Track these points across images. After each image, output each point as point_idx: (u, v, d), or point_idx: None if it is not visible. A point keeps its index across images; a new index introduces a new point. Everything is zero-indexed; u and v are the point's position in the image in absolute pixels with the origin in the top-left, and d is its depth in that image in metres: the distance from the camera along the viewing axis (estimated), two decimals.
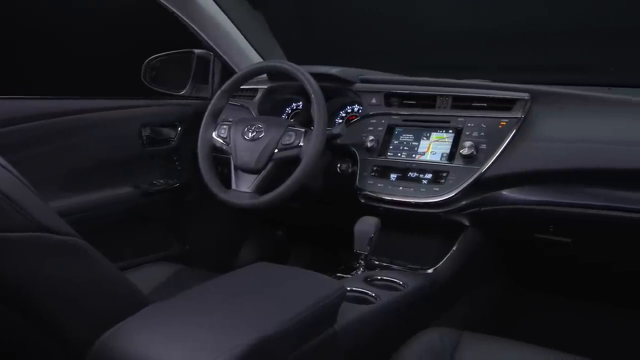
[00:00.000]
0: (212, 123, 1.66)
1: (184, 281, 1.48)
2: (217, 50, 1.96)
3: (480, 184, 1.40)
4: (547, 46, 2.12)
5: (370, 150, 1.57)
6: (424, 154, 1.51)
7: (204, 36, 1.94)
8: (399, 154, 1.54)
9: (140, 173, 1.87)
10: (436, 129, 1.53)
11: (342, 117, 1.78)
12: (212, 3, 1.95)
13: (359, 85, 1.71)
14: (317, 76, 1.56)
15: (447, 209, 1.42)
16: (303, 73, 1.54)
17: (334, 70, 1.70)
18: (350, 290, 1.25)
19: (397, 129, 1.58)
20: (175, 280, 1.51)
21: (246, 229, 2.18)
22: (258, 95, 1.85)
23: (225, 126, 1.64)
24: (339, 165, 1.64)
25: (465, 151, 1.42)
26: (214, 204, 1.61)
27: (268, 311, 0.87)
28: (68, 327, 0.79)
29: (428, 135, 1.53)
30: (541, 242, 1.48)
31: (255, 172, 1.54)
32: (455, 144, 1.47)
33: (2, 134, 1.52)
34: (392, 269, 1.51)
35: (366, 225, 1.41)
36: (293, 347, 0.88)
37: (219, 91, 1.67)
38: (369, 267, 1.45)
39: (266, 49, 2.09)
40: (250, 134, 1.58)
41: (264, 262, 1.09)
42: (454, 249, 1.48)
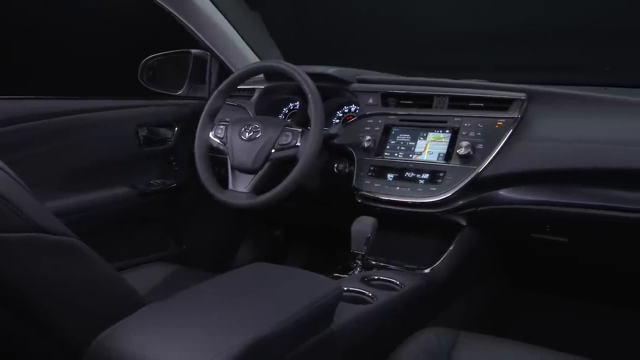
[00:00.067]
0: (209, 123, 1.66)
1: (181, 281, 1.48)
2: (214, 50, 1.96)
3: (477, 184, 1.40)
4: (544, 46, 2.12)
5: (367, 150, 1.57)
6: (420, 154, 1.51)
7: (200, 36, 1.94)
8: (396, 154, 1.54)
9: (137, 173, 1.86)
10: (433, 129, 1.53)
11: (339, 117, 1.78)
12: (209, 3, 1.95)
13: (355, 85, 1.71)
14: (314, 76, 1.56)
15: (444, 209, 1.43)
16: (300, 73, 1.54)
17: (330, 70, 1.70)
18: (347, 290, 1.25)
19: (394, 129, 1.58)
20: (173, 281, 1.51)
21: (243, 229, 2.18)
22: (255, 95, 1.85)
23: (222, 126, 1.64)
24: (336, 165, 1.64)
25: (462, 151, 1.42)
26: (211, 204, 1.61)
27: (265, 311, 0.87)
28: (64, 327, 0.79)
29: (425, 135, 1.53)
30: (538, 241, 1.48)
31: (252, 172, 1.54)
32: (452, 144, 1.47)
33: None
34: (389, 268, 1.51)
35: (363, 225, 1.41)
36: (290, 347, 0.88)
37: (216, 91, 1.67)
38: (366, 267, 1.46)
39: (263, 49, 2.09)
40: (247, 134, 1.58)
41: (260, 262, 1.09)
42: (450, 249, 1.48)
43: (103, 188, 1.75)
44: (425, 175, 1.47)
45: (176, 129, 1.94)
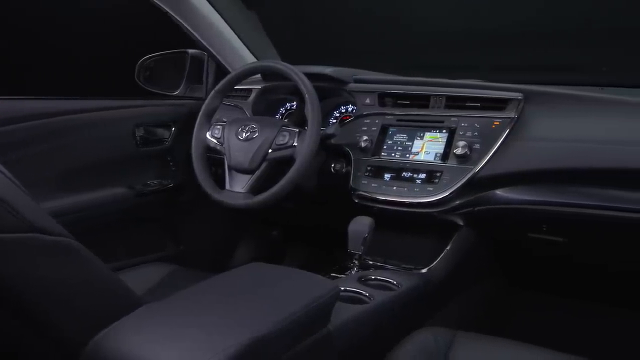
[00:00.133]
0: (206, 123, 1.66)
1: (179, 281, 1.48)
2: (211, 50, 1.96)
3: (474, 184, 1.40)
4: (541, 46, 2.12)
5: (364, 150, 1.57)
6: (417, 153, 1.51)
7: (197, 36, 1.94)
8: (393, 154, 1.54)
9: (134, 173, 1.86)
10: (430, 129, 1.53)
11: (336, 117, 1.78)
12: (206, 3, 1.95)
13: (352, 85, 1.71)
14: (311, 76, 1.56)
15: (440, 209, 1.43)
16: (297, 73, 1.54)
17: (327, 70, 1.70)
18: (344, 290, 1.25)
19: (391, 129, 1.58)
20: (170, 281, 1.50)
21: (240, 229, 2.18)
22: (252, 96, 1.85)
23: (219, 126, 1.64)
24: (333, 165, 1.64)
25: (458, 151, 1.42)
26: (208, 204, 1.61)
27: (262, 311, 0.87)
28: (61, 327, 0.79)
29: (422, 135, 1.53)
30: (535, 241, 1.49)
31: (249, 172, 1.54)
32: (449, 144, 1.47)
33: None
34: (386, 268, 1.51)
35: (360, 225, 1.41)
36: (287, 347, 0.88)
37: (213, 91, 1.67)
38: (363, 267, 1.46)
39: (260, 49, 2.09)
40: (244, 134, 1.58)
41: (258, 262, 1.09)
42: (447, 249, 1.48)
43: (100, 188, 1.75)
44: (422, 175, 1.47)
45: (173, 129, 1.94)
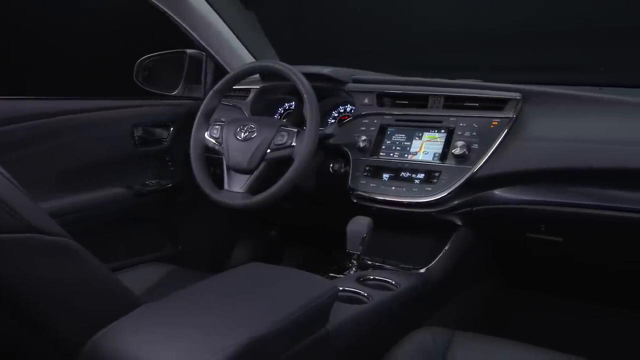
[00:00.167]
0: (205, 123, 1.65)
1: (177, 281, 1.47)
2: (210, 50, 1.96)
3: (472, 184, 1.41)
4: (539, 46, 2.12)
5: (362, 150, 1.57)
6: (416, 153, 1.51)
7: (195, 36, 1.94)
8: (392, 154, 1.54)
9: (132, 173, 1.86)
10: (428, 129, 1.53)
11: (334, 117, 1.78)
12: (204, 3, 1.95)
13: (351, 85, 1.71)
14: (310, 76, 1.56)
15: (439, 209, 1.43)
16: (295, 73, 1.54)
17: (326, 70, 1.70)
18: (342, 290, 1.25)
19: (389, 129, 1.59)
20: (168, 281, 1.50)
21: (239, 229, 2.17)
22: (250, 96, 1.85)
23: (217, 126, 1.64)
24: (331, 165, 1.64)
25: (457, 151, 1.42)
26: (206, 205, 1.61)
27: (260, 311, 0.87)
28: (59, 327, 0.79)
29: (420, 135, 1.53)
30: (533, 241, 1.49)
31: (248, 172, 1.54)
32: (448, 144, 1.47)
33: None
34: (385, 268, 1.51)
35: (359, 225, 1.41)
36: (285, 347, 0.88)
37: (212, 91, 1.67)
38: (362, 267, 1.46)
39: (258, 49, 2.09)
40: (242, 134, 1.57)
41: (256, 262, 1.09)
42: (446, 249, 1.48)
43: (98, 188, 1.75)
44: (421, 175, 1.47)
45: (172, 129, 1.94)
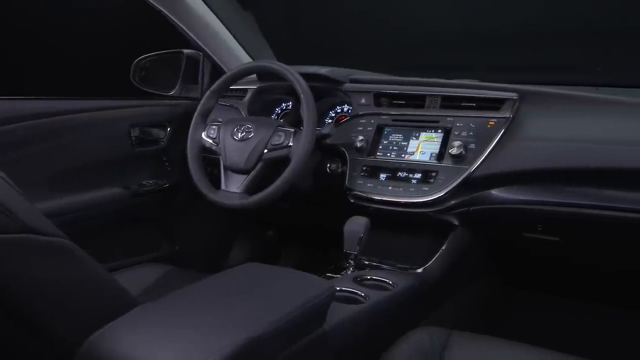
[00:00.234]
0: (202, 123, 1.65)
1: (174, 282, 1.47)
2: (207, 50, 1.96)
3: (469, 184, 1.41)
4: (536, 47, 2.13)
5: (359, 150, 1.57)
6: (413, 153, 1.51)
7: (192, 36, 1.94)
8: (389, 154, 1.55)
9: (129, 173, 1.86)
10: (425, 129, 1.53)
11: (331, 117, 1.79)
12: (201, 3, 1.95)
13: (348, 85, 1.71)
14: (307, 76, 1.56)
15: (436, 209, 1.43)
16: (292, 73, 1.54)
17: (323, 70, 1.70)
18: (339, 290, 1.25)
19: (386, 129, 1.59)
20: (165, 281, 1.50)
21: (236, 229, 2.17)
22: (248, 96, 1.85)
23: (214, 126, 1.64)
24: (328, 165, 1.64)
25: (454, 151, 1.42)
26: (203, 205, 1.61)
27: (257, 311, 0.87)
28: (55, 328, 0.78)
29: (417, 135, 1.53)
30: (530, 241, 1.49)
31: (245, 172, 1.54)
32: (444, 144, 1.47)
33: None
34: (382, 268, 1.51)
35: (356, 225, 1.41)
36: (282, 347, 0.88)
37: (209, 91, 1.66)
38: (359, 266, 1.46)
39: (255, 49, 2.09)
40: (239, 134, 1.57)
41: (253, 262, 1.08)
42: (443, 249, 1.48)
43: (95, 188, 1.75)
44: (418, 175, 1.47)
45: (169, 129, 1.94)
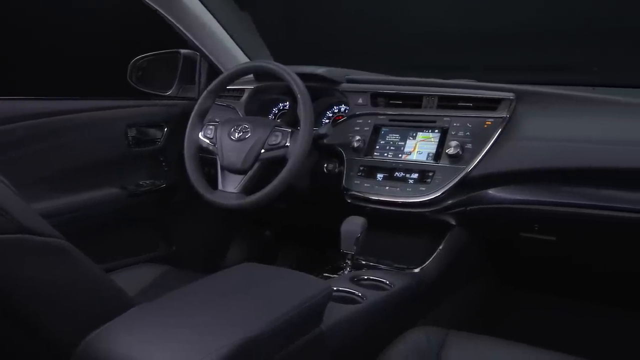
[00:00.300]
0: (199, 123, 1.65)
1: (171, 282, 1.47)
2: (204, 50, 1.95)
3: (466, 184, 1.41)
4: (533, 47, 2.13)
5: (356, 150, 1.57)
6: (410, 153, 1.51)
7: (189, 36, 1.93)
8: (386, 154, 1.55)
9: (126, 174, 1.85)
10: (422, 129, 1.53)
11: (328, 117, 1.78)
12: (198, 3, 1.95)
13: (345, 85, 1.71)
14: (304, 76, 1.56)
15: (433, 209, 1.43)
16: (289, 73, 1.54)
17: (320, 71, 1.70)
18: (336, 290, 1.25)
19: (383, 129, 1.59)
20: (162, 281, 1.50)
21: (233, 229, 2.17)
22: (245, 96, 1.85)
23: (211, 126, 1.64)
24: (325, 165, 1.64)
25: (451, 151, 1.42)
26: (200, 205, 1.60)
27: (254, 311, 0.87)
28: (51, 328, 0.78)
29: (414, 135, 1.53)
30: (527, 241, 1.49)
31: (242, 172, 1.54)
32: (441, 144, 1.47)
33: None
34: (379, 268, 1.51)
35: (353, 225, 1.41)
36: (279, 347, 0.88)
37: (206, 91, 1.66)
38: (356, 266, 1.46)
39: (253, 49, 2.09)
40: (236, 134, 1.57)
41: (250, 262, 1.08)
42: (440, 249, 1.48)
43: (93, 188, 1.74)
44: (415, 175, 1.47)
45: (165, 129, 1.93)
